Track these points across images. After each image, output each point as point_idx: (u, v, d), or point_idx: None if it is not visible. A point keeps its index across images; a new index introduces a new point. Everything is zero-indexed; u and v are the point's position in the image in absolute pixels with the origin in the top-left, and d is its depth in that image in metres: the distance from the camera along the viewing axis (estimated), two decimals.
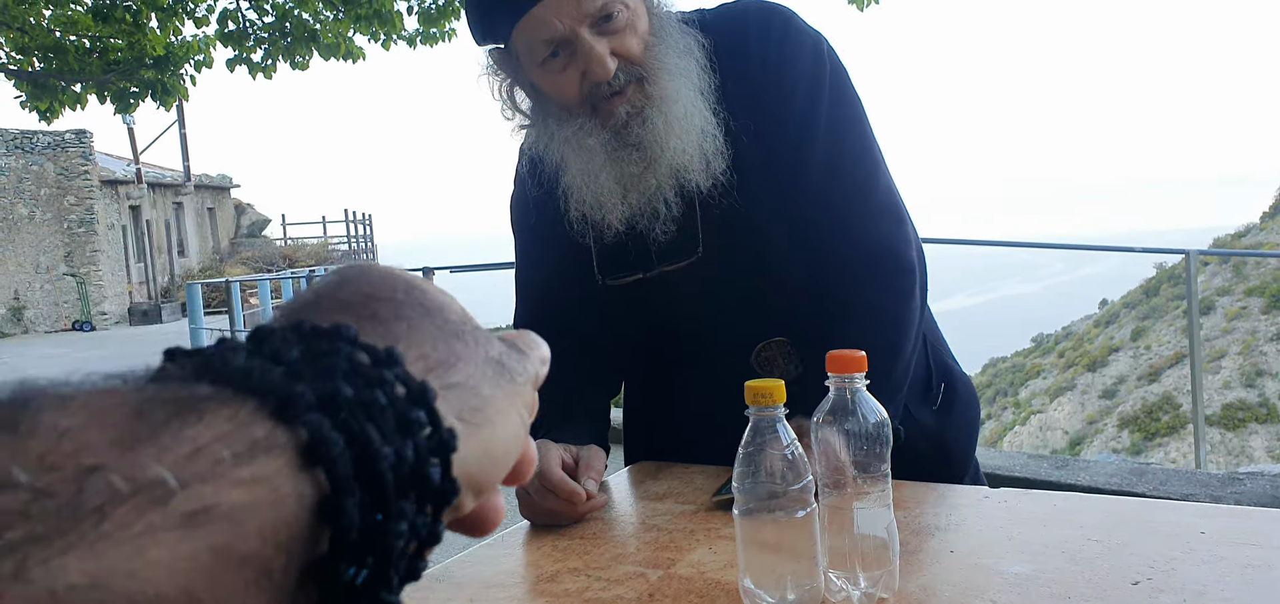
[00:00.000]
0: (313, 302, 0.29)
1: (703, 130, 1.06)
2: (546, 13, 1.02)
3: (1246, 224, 36.99)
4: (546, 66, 1.06)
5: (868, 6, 6.10)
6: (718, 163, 1.07)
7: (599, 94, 1.05)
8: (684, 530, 0.97)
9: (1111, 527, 0.88)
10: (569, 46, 1.03)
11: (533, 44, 1.04)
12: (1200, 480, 3.14)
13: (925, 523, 0.93)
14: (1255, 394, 26.96)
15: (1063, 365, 34.19)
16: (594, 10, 1.02)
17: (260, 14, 7.11)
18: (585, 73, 1.04)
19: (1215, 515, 0.89)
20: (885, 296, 1.12)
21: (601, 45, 1.03)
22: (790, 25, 1.13)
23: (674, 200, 1.08)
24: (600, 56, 1.02)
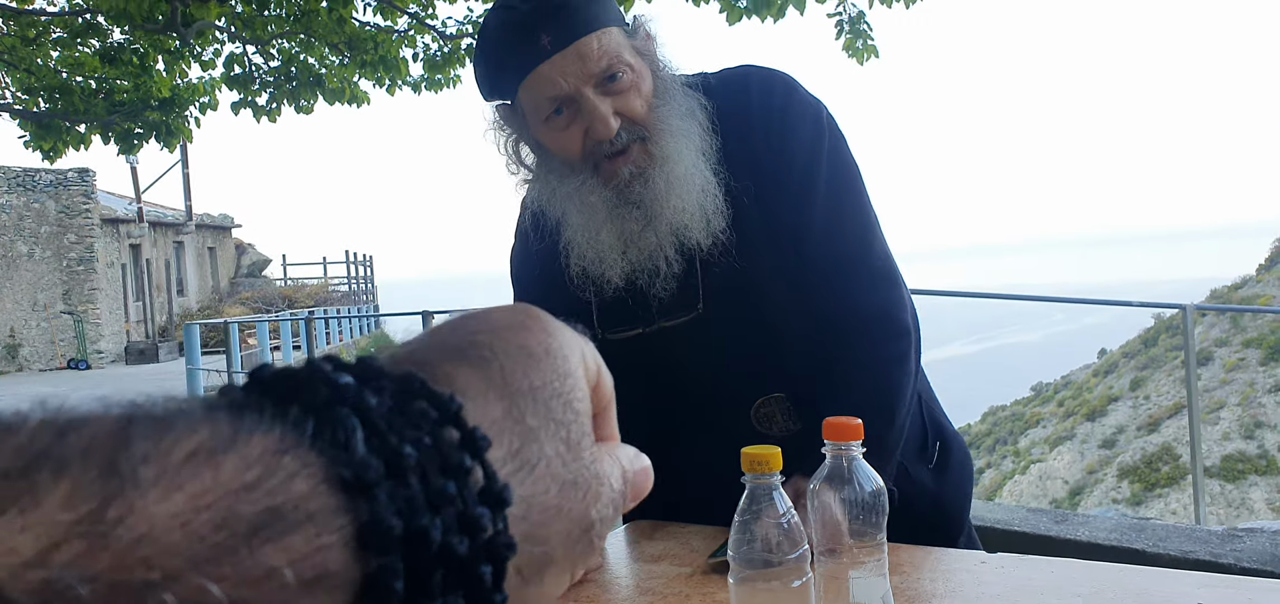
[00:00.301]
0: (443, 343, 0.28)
1: (703, 190, 1.08)
2: (552, 71, 1.04)
3: (1243, 275, 37.12)
4: (551, 123, 1.08)
5: (868, 60, 6.18)
6: (718, 222, 1.09)
7: (601, 152, 1.07)
8: (679, 594, 0.96)
9: (1109, 596, 0.88)
10: (573, 105, 1.05)
11: (538, 101, 1.07)
12: (1200, 537, 3.12)
13: (922, 589, 0.93)
14: (1255, 446, 26.85)
15: (1062, 414, 34.08)
16: (598, 71, 1.04)
17: (266, 58, 7.19)
18: (588, 131, 1.06)
19: (1213, 585, 0.89)
20: (881, 360, 1.13)
21: (605, 105, 1.05)
22: (792, 93, 1.15)
23: (675, 258, 1.10)
24: (603, 116, 1.04)
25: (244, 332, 16.26)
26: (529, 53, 1.04)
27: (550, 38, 1.03)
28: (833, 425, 0.79)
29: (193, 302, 23.89)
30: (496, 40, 1.07)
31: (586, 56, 1.04)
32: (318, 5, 6.37)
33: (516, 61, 1.06)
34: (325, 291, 25.37)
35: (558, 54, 1.03)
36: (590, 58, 1.04)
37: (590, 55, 1.04)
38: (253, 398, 0.23)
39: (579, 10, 1.04)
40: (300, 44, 6.96)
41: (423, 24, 6.90)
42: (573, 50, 1.03)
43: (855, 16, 6.02)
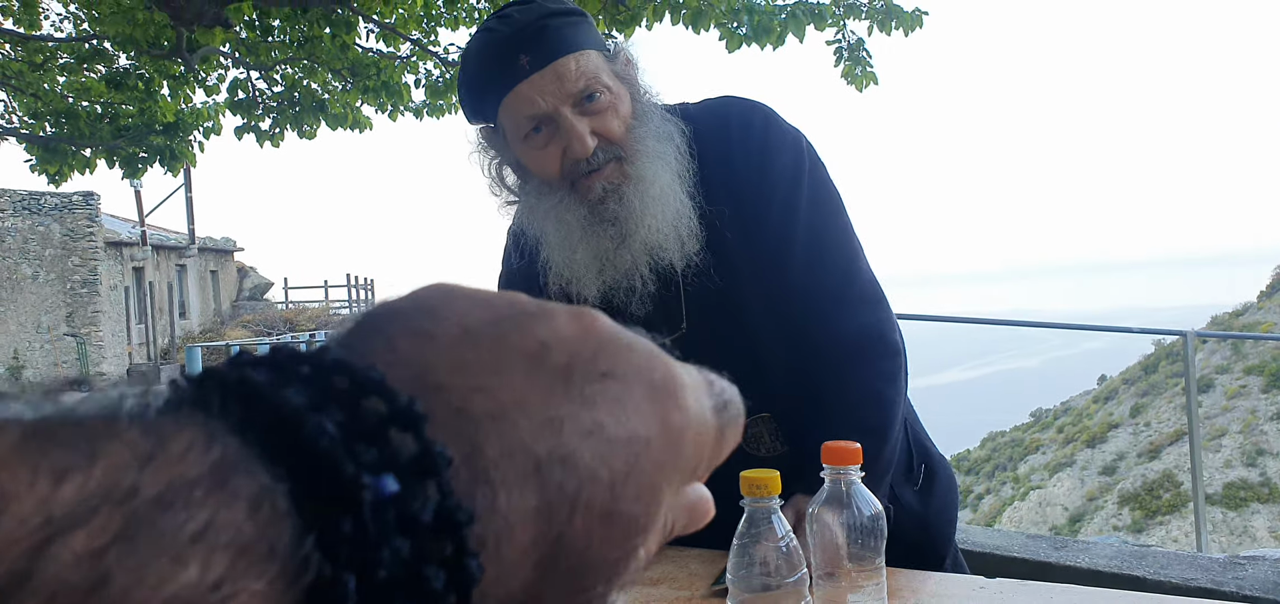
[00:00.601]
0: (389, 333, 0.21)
1: (678, 212, 1.10)
2: (531, 91, 1.06)
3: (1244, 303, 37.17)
4: (529, 141, 1.10)
5: (867, 87, 6.23)
6: (692, 244, 1.11)
7: (578, 171, 1.09)
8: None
9: None
10: (551, 123, 1.08)
11: (517, 120, 1.09)
12: (1201, 564, 3.11)
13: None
14: (1257, 473, 26.78)
15: (1062, 441, 34.00)
16: (576, 90, 1.06)
17: (270, 84, 7.25)
18: (566, 150, 1.08)
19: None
20: (871, 380, 1.14)
21: (582, 124, 1.07)
22: (771, 123, 1.17)
23: (649, 277, 1.11)
24: (580, 135, 1.06)
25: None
26: (508, 73, 1.07)
27: (529, 58, 1.05)
28: (832, 450, 0.80)
29: (195, 324, 23.90)
30: (478, 62, 1.10)
31: (564, 76, 1.06)
32: (321, 32, 6.43)
33: (496, 82, 1.08)
34: (327, 315, 25.39)
35: (536, 74, 1.06)
36: (568, 77, 1.06)
37: (568, 75, 1.06)
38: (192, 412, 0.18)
39: (558, 32, 1.06)
40: (303, 70, 7.02)
41: (424, 51, 6.96)
42: (551, 70, 1.05)
43: (854, 44, 6.07)
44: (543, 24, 1.05)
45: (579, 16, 1.10)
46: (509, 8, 1.09)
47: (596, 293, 1.13)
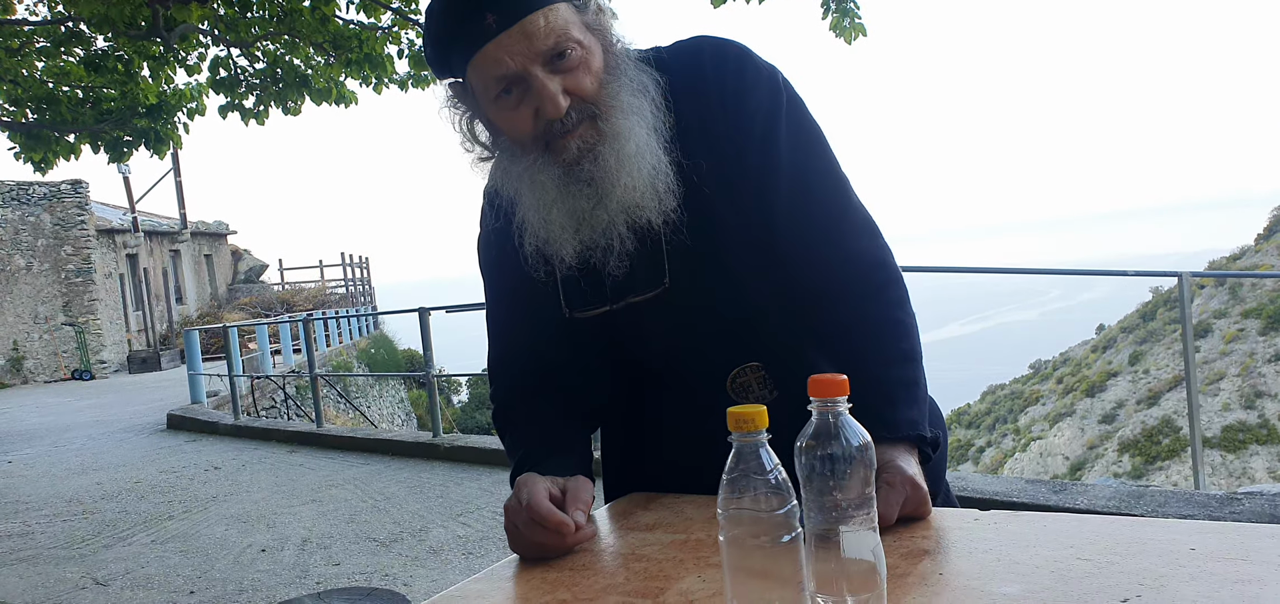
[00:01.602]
0: None
1: (655, 168, 1.06)
2: (499, 51, 1.02)
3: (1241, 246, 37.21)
4: (499, 103, 1.06)
5: (856, 39, 6.16)
6: (669, 201, 1.07)
7: (552, 132, 1.05)
8: (673, 559, 0.96)
9: (1102, 546, 0.87)
10: (522, 84, 1.03)
11: (486, 81, 1.05)
12: (1198, 501, 3.12)
13: (914, 546, 0.92)
14: (1255, 415, 26.99)
15: (1061, 391, 34.21)
16: (546, 48, 1.02)
17: (251, 61, 7.17)
18: (537, 110, 1.04)
19: (1206, 532, 0.89)
20: (886, 306, 1.12)
21: (553, 83, 1.03)
22: (746, 61, 1.13)
23: (627, 236, 1.08)
24: (552, 95, 1.02)
25: (244, 336, 16.25)
26: (474, 33, 1.02)
27: (495, 16, 1.01)
28: (818, 382, 0.79)
29: (192, 309, 23.87)
30: (442, 20, 1.05)
31: (533, 35, 1.01)
32: (300, 4, 6.35)
33: (462, 42, 1.04)
34: (323, 294, 25.36)
35: (504, 33, 1.01)
36: (537, 36, 1.01)
37: (537, 33, 1.01)
38: None
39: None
40: (284, 45, 6.94)
41: (406, 19, 6.88)
42: (518, 29, 1.01)
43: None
44: None
45: None
46: None
47: (573, 253, 1.10)
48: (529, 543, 1.02)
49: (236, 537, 4.93)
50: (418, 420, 18.66)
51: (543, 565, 1.00)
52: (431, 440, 6.66)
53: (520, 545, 1.03)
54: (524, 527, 1.02)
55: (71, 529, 5.43)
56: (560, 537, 1.00)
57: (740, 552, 0.77)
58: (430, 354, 6.80)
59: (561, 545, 1.01)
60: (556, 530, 1.00)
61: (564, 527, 1.00)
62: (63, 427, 10.68)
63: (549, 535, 1.00)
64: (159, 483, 6.67)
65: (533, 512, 1.01)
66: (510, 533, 1.04)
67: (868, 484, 0.79)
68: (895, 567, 0.86)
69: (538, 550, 1.02)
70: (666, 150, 1.08)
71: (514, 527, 1.03)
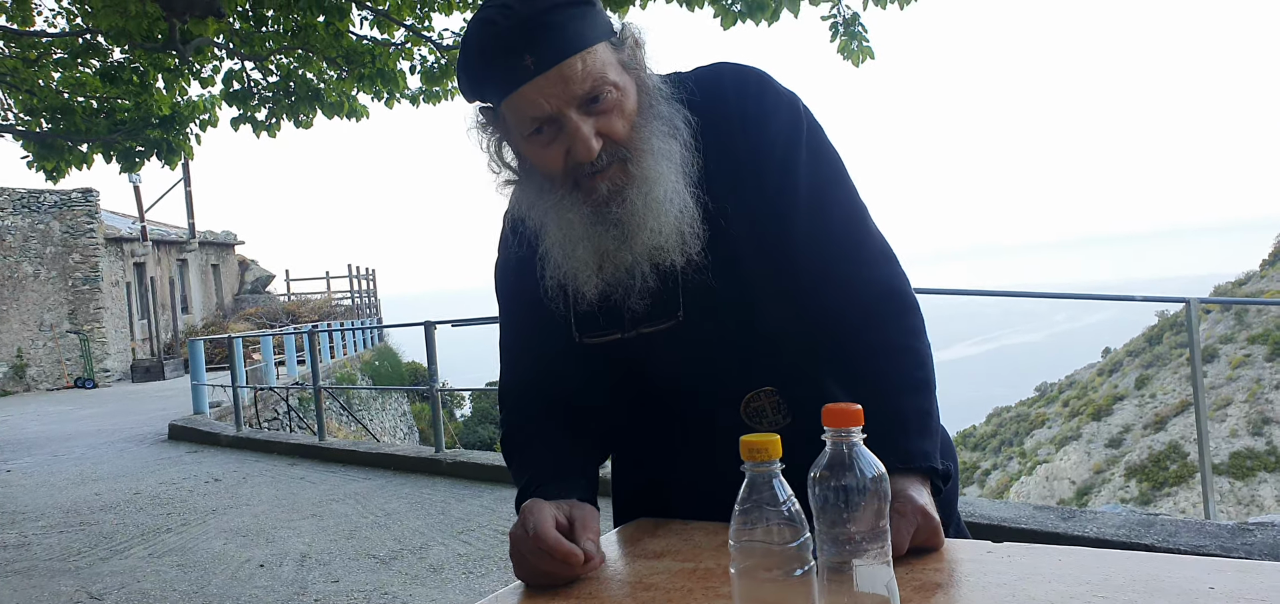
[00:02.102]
0: None
1: (681, 211, 1.06)
2: (535, 93, 1.01)
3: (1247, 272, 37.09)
4: (532, 140, 1.06)
5: (863, 62, 6.18)
6: (694, 244, 1.08)
7: (582, 172, 1.06)
8: (681, 589, 0.95)
9: (1118, 583, 0.86)
10: (556, 124, 1.03)
11: (521, 119, 1.05)
12: (1210, 531, 3.09)
13: (927, 579, 0.91)
14: (1263, 442, 26.79)
15: (1067, 414, 34.04)
16: (582, 93, 1.02)
17: (264, 74, 7.21)
18: (569, 150, 1.04)
19: (1224, 570, 0.88)
20: (903, 335, 1.11)
21: (587, 126, 1.03)
22: (766, 86, 1.14)
23: (650, 273, 1.08)
24: (585, 138, 1.02)
25: (248, 347, 16.27)
26: (511, 72, 1.02)
27: (533, 58, 1.01)
28: (833, 412, 0.78)
29: (197, 319, 23.93)
30: (479, 57, 1.05)
31: (570, 79, 1.01)
32: (314, 20, 6.39)
33: (498, 79, 1.04)
34: (329, 306, 25.40)
35: (541, 75, 1.01)
36: (574, 80, 1.01)
37: (574, 77, 1.01)
38: None
39: (563, 29, 1.01)
40: (298, 59, 6.98)
41: (419, 36, 6.92)
42: (556, 72, 1.01)
43: (849, 18, 6.02)
44: (547, 19, 1.00)
45: (586, 4, 1.04)
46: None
47: (595, 290, 1.10)
48: (535, 571, 1.01)
49: (235, 551, 4.91)
50: (420, 434, 18.63)
51: (549, 593, 0.99)
52: (434, 456, 6.64)
53: (526, 573, 1.02)
54: (531, 555, 1.00)
55: (68, 541, 5.41)
56: (567, 567, 0.99)
57: (751, 584, 0.76)
58: (435, 368, 6.79)
59: (567, 575, 1.00)
60: (564, 561, 0.99)
61: (572, 557, 0.99)
62: (63, 436, 10.68)
63: (556, 565, 0.99)
64: (158, 494, 6.66)
65: (540, 541, 0.99)
66: (516, 560, 1.03)
67: (882, 516, 0.78)
68: (908, 600, 0.85)
69: (544, 579, 1.01)
70: (694, 193, 1.07)
71: (520, 555, 1.02)
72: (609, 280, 1.10)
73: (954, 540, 1.03)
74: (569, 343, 1.18)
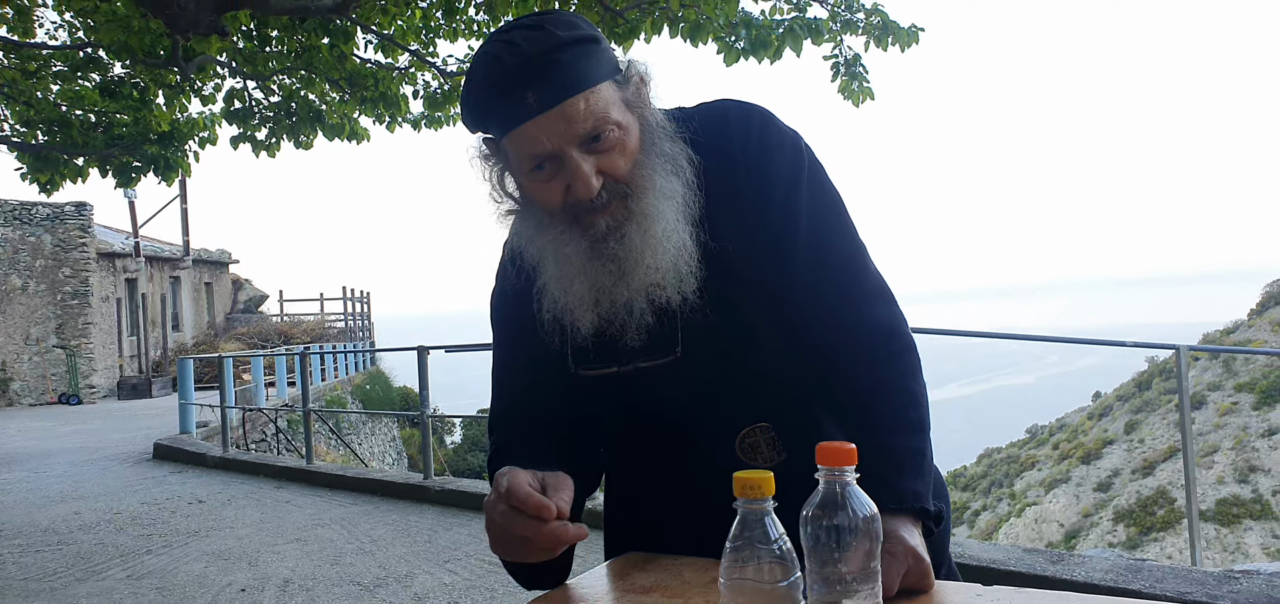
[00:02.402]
0: None
1: (680, 249, 1.07)
2: (537, 131, 1.02)
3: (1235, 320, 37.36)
4: (533, 176, 1.07)
5: (863, 102, 6.24)
6: (691, 282, 1.08)
7: (581, 208, 1.06)
8: None
9: None
10: (556, 161, 1.04)
11: (522, 156, 1.06)
12: (1196, 579, 3.09)
13: None
14: (1249, 489, 26.84)
15: (1057, 457, 34.05)
16: (584, 132, 1.03)
17: (266, 93, 7.24)
18: (569, 187, 1.05)
19: None
20: (899, 375, 1.11)
21: (588, 164, 1.03)
22: (769, 124, 1.15)
23: (646, 309, 1.09)
24: (586, 176, 1.03)
25: (239, 366, 16.17)
26: (514, 109, 1.03)
27: (536, 97, 1.01)
28: (826, 451, 0.79)
29: (188, 337, 23.80)
30: (483, 92, 1.06)
31: (572, 118, 1.02)
32: (319, 42, 6.43)
33: (501, 115, 1.05)
34: (322, 328, 25.31)
35: (543, 115, 1.02)
36: (577, 120, 1.02)
37: (576, 117, 1.02)
38: None
39: (567, 68, 1.02)
40: (301, 80, 7.01)
41: (423, 62, 6.96)
42: (558, 111, 1.01)
43: (851, 59, 6.10)
44: (552, 58, 1.01)
45: (591, 43, 1.05)
46: (516, 33, 1.04)
47: (590, 325, 1.11)
48: (509, 536, 0.99)
49: (216, 574, 4.84)
50: (409, 460, 18.50)
51: None
52: (422, 482, 6.60)
53: (501, 541, 1.01)
54: (501, 517, 0.99)
55: (44, 561, 5.32)
56: (540, 524, 0.97)
57: None
58: (427, 394, 6.77)
59: (543, 538, 0.98)
60: (536, 515, 0.97)
61: (544, 510, 0.97)
62: (45, 452, 10.55)
63: (529, 526, 0.97)
64: (140, 515, 6.57)
65: (512, 497, 0.98)
66: (490, 530, 1.01)
67: (873, 557, 0.79)
68: None
69: (520, 546, 0.99)
70: (694, 232, 1.08)
71: (493, 522, 1.00)
72: (605, 316, 1.10)
73: (944, 583, 1.03)
74: (564, 375, 1.18)
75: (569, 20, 1.07)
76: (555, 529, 0.98)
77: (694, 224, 1.09)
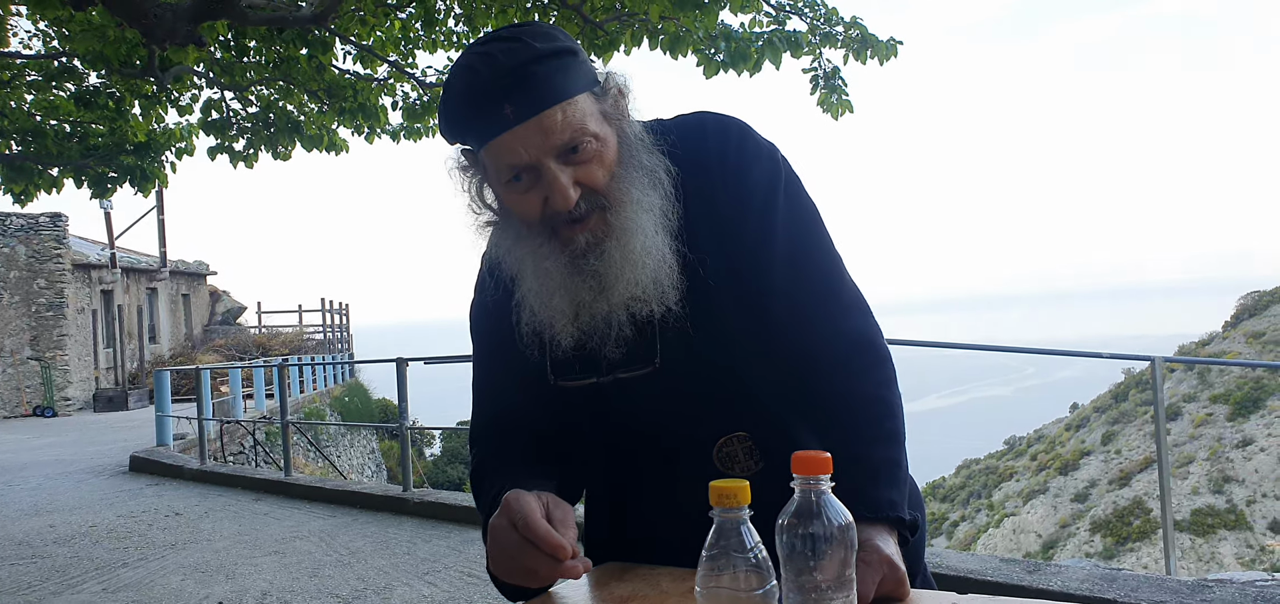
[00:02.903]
0: None
1: (660, 263, 1.07)
2: (514, 142, 1.02)
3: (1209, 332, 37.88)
4: (510, 187, 1.07)
5: (842, 115, 6.29)
6: (671, 295, 1.08)
7: (559, 220, 1.06)
8: None
9: None
10: (534, 172, 1.04)
11: (499, 166, 1.06)
12: (1170, 587, 3.13)
13: None
14: (1223, 500, 27.16)
15: (1035, 468, 34.31)
16: (561, 143, 1.03)
17: (244, 104, 7.20)
18: (547, 199, 1.05)
19: None
20: (874, 386, 1.12)
21: (565, 175, 1.03)
22: (747, 137, 1.16)
23: (626, 322, 1.09)
24: (563, 187, 1.03)
25: (216, 378, 15.99)
26: (491, 120, 1.03)
27: (513, 108, 1.02)
28: (801, 459, 0.79)
29: (165, 348, 23.52)
30: (460, 104, 1.06)
31: (549, 130, 1.02)
32: (297, 52, 6.40)
33: (478, 127, 1.05)
34: (300, 339, 25.09)
35: (520, 125, 1.02)
36: (553, 131, 1.02)
37: (553, 128, 1.02)
38: None
39: (544, 81, 1.02)
40: (279, 91, 6.97)
41: (402, 73, 6.95)
42: (535, 122, 1.02)
43: (830, 72, 6.15)
44: (528, 70, 1.01)
45: (568, 56, 1.05)
46: (493, 45, 1.05)
47: (571, 338, 1.11)
48: (516, 565, 0.98)
49: (193, 587, 4.79)
50: (388, 472, 18.35)
51: None
52: (401, 494, 6.55)
53: (506, 567, 1.00)
54: (514, 548, 0.98)
55: (18, 574, 5.24)
56: (554, 563, 0.96)
57: None
58: (406, 406, 6.73)
59: (552, 574, 0.97)
60: (552, 555, 0.96)
61: (561, 550, 0.96)
62: (19, 465, 10.39)
63: (542, 561, 0.97)
64: (116, 528, 6.49)
65: (529, 531, 0.97)
66: (495, 553, 1.01)
67: (848, 566, 0.79)
68: None
69: (526, 576, 0.98)
70: (673, 244, 1.08)
71: (501, 548, 0.99)
72: (585, 328, 1.10)
73: (919, 592, 1.04)
74: (544, 386, 1.18)
75: (546, 32, 1.07)
76: (567, 569, 0.97)
77: (673, 235, 1.09)
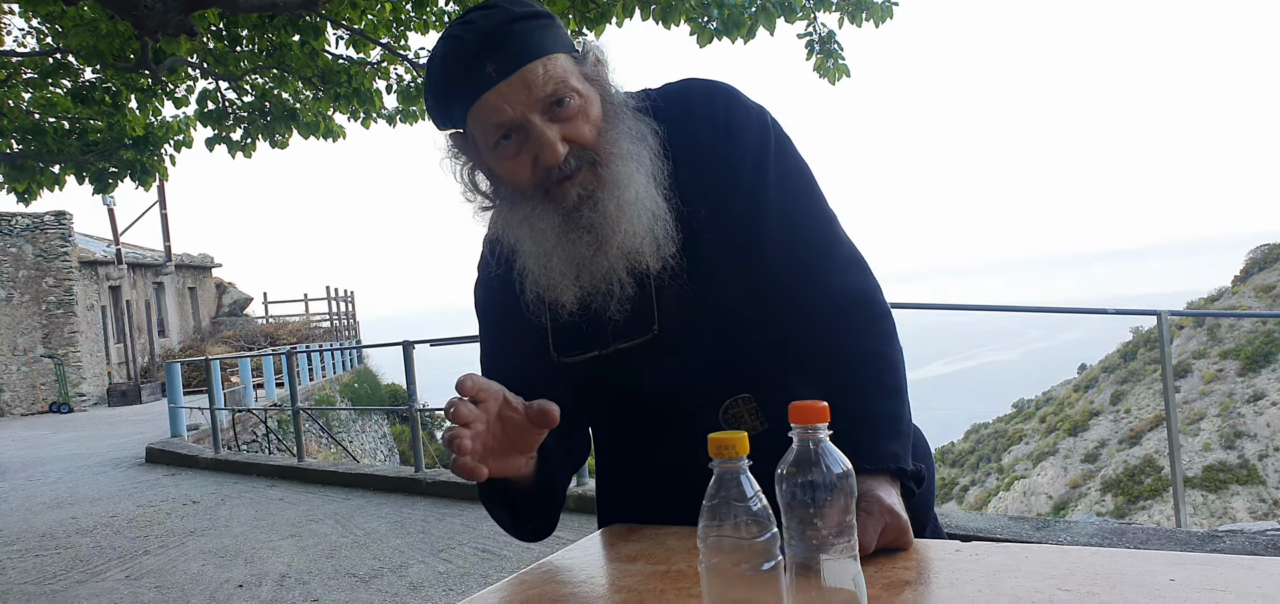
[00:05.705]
0: None
1: (654, 214, 1.07)
2: (498, 99, 1.03)
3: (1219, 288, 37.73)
4: (499, 150, 1.07)
5: (839, 80, 6.25)
6: (668, 246, 1.08)
7: (551, 178, 1.06)
8: (654, 591, 0.96)
9: (1082, 577, 0.88)
10: (521, 131, 1.05)
11: (486, 128, 1.06)
12: (1180, 539, 3.13)
13: (896, 577, 0.92)
14: (1235, 455, 27.17)
15: (1044, 430, 34.35)
16: (544, 96, 1.04)
17: (239, 93, 7.18)
18: (537, 158, 1.05)
19: (1185, 563, 0.89)
20: (873, 340, 1.12)
21: (552, 131, 1.04)
22: (734, 100, 1.15)
23: (627, 281, 1.09)
24: (551, 142, 1.04)
25: (226, 369, 16.07)
26: (474, 81, 1.04)
27: (495, 66, 1.03)
28: (799, 409, 0.79)
29: (174, 342, 23.64)
30: (442, 71, 1.07)
31: (532, 83, 1.03)
32: (289, 39, 6.38)
33: (462, 91, 1.05)
34: (307, 328, 25.19)
35: (503, 81, 1.03)
36: (536, 84, 1.03)
37: (536, 82, 1.03)
38: None
39: (524, 38, 1.03)
40: (273, 79, 6.95)
41: (395, 55, 6.92)
42: (518, 77, 1.03)
43: (825, 36, 6.09)
44: (508, 29, 1.03)
45: (546, 18, 1.07)
46: (472, 13, 1.06)
47: (574, 299, 1.11)
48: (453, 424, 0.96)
49: (213, 572, 4.84)
50: (400, 455, 18.46)
51: (522, 594, 0.99)
52: (413, 476, 6.59)
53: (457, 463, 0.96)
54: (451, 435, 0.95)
55: (43, 564, 5.32)
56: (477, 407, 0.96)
57: (721, 580, 0.76)
58: (414, 389, 6.76)
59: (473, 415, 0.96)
60: (473, 397, 0.96)
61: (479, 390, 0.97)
62: (38, 460, 10.50)
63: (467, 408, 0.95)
64: (135, 517, 6.56)
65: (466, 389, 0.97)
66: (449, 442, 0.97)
67: (848, 512, 0.79)
68: (877, 597, 0.86)
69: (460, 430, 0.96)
70: (665, 197, 1.08)
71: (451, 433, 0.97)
72: (587, 289, 1.10)
73: (922, 540, 1.04)
74: (548, 362, 1.18)
75: None
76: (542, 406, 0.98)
77: (665, 191, 1.09)
